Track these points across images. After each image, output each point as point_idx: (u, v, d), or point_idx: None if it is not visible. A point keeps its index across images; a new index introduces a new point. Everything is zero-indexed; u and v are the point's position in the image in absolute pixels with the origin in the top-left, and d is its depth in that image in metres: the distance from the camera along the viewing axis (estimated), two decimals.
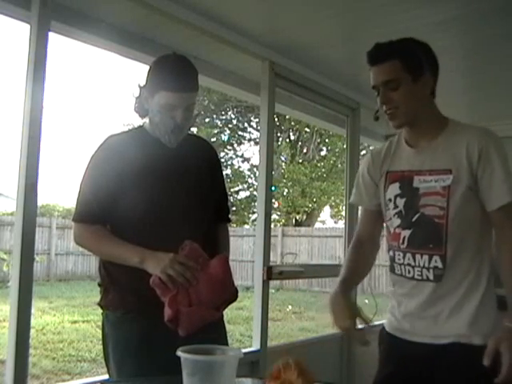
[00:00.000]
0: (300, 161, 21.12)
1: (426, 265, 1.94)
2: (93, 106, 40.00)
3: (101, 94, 44.22)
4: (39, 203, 2.55)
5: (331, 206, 22.50)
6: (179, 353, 1.40)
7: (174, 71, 2.10)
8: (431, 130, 2.01)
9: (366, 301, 3.85)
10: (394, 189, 2.04)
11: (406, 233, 1.99)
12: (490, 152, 1.90)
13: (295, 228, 19.53)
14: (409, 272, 1.99)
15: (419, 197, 1.97)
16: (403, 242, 2.00)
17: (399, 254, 2.01)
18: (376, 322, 5.67)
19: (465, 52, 3.64)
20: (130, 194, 2.10)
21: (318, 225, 22.64)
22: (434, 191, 1.94)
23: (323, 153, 21.84)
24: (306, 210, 21.10)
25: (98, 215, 2.12)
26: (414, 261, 1.97)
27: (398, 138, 2.13)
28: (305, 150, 21.55)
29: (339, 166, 19.93)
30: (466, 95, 4.63)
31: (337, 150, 20.65)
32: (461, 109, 4.71)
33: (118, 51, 3.12)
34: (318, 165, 21.15)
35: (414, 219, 1.97)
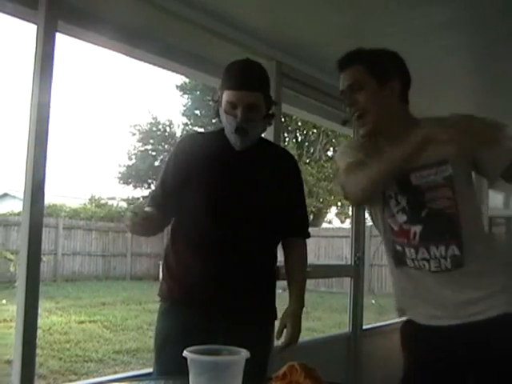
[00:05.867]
0: (307, 161, 21.12)
1: (443, 254, 1.96)
2: (100, 105, 40.14)
3: (107, 94, 44.33)
4: (46, 203, 2.55)
5: (338, 207, 22.49)
6: (186, 353, 1.40)
7: (238, 71, 2.18)
8: (404, 133, 1.96)
9: (373, 301, 3.84)
10: (392, 186, 2.02)
11: (417, 228, 2.00)
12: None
13: None
14: (423, 266, 2.00)
15: (422, 192, 1.98)
16: (414, 238, 2.00)
17: (410, 250, 2.02)
18: (381, 323, 5.64)
19: (472, 51, 3.63)
20: (192, 192, 2.21)
21: (324, 225, 22.64)
22: (437, 184, 1.97)
23: (330, 153, 21.84)
24: (313, 210, 21.11)
25: (162, 206, 2.23)
26: (429, 253, 1.98)
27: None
28: (312, 151, 21.55)
29: None
30: (473, 94, 4.61)
31: None
32: (466, 107, 4.68)
33: (124, 51, 3.11)
34: (325, 165, 21.15)
35: (422, 215, 1.99)
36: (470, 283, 1.97)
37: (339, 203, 21.62)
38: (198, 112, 22.58)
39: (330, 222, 23.77)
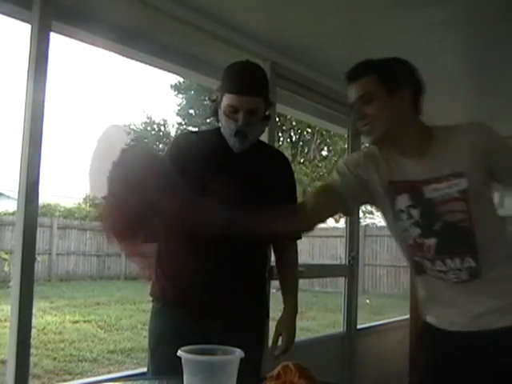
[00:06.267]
0: (301, 161, 21.11)
1: (459, 266, 1.95)
2: (93, 104, 40.06)
3: (101, 93, 44.23)
4: (40, 203, 2.55)
5: None
6: (180, 353, 1.40)
7: (239, 74, 2.18)
8: (416, 143, 1.99)
9: (368, 301, 3.85)
10: (404, 200, 2.00)
11: (431, 242, 1.97)
12: (494, 138, 1.97)
13: None
14: (441, 277, 2.00)
15: (435, 206, 1.95)
16: (429, 251, 1.99)
17: (427, 262, 2.01)
18: (376, 323, 5.66)
19: (469, 52, 3.63)
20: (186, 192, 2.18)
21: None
22: (451, 198, 1.93)
23: (324, 153, 21.84)
24: None
25: None
26: (445, 266, 1.97)
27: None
28: (306, 150, 21.54)
29: None
30: (468, 95, 4.62)
31: (338, 149, 20.64)
32: (463, 109, 4.70)
33: (119, 51, 3.11)
34: (319, 165, 21.13)
35: (436, 228, 1.96)
36: (487, 293, 1.96)
37: None
38: (192, 112, 22.53)
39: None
